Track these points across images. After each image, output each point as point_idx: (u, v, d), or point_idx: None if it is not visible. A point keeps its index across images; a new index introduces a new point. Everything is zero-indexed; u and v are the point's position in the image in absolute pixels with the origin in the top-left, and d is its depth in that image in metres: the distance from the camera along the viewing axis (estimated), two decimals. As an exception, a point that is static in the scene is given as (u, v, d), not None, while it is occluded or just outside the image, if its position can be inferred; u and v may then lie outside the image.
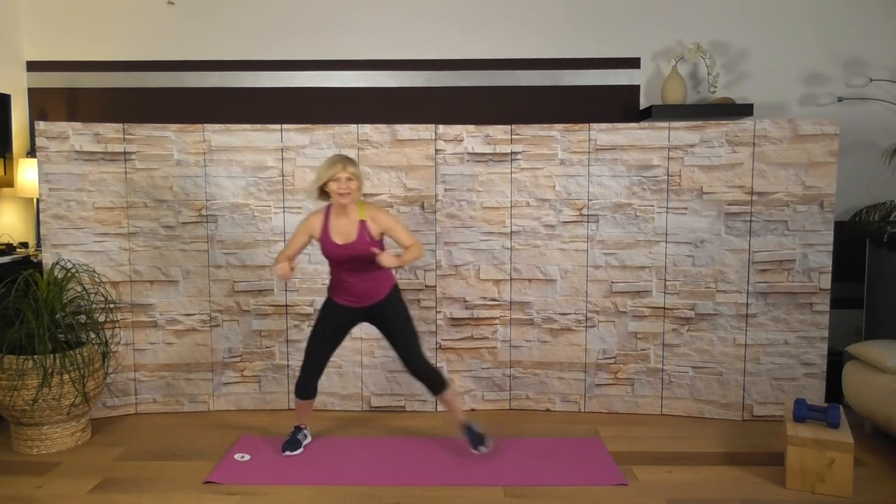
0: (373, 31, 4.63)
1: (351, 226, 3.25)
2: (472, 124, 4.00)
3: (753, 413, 3.94)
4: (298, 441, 3.50)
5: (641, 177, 3.94)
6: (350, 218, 3.26)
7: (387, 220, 3.29)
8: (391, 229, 3.28)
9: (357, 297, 3.35)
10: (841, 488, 3.01)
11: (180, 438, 3.67)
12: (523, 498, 3.01)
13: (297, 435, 3.52)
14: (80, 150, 3.87)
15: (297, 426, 3.56)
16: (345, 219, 3.26)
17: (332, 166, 3.18)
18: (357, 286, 3.32)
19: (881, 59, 4.56)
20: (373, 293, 3.34)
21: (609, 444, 3.58)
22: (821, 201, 3.83)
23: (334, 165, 3.17)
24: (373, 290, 3.34)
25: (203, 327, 4.04)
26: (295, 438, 3.50)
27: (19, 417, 3.44)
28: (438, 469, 3.28)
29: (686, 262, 3.94)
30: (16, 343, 3.43)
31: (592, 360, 4.05)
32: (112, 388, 3.95)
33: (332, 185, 3.18)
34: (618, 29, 4.61)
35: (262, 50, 4.63)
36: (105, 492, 3.07)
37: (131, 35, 4.64)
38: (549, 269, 4.03)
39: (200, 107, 4.58)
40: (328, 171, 3.18)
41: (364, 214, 3.27)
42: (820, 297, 3.86)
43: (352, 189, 3.18)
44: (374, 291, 3.35)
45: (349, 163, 3.19)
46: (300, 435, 3.52)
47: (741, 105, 4.39)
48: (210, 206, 3.99)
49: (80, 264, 3.74)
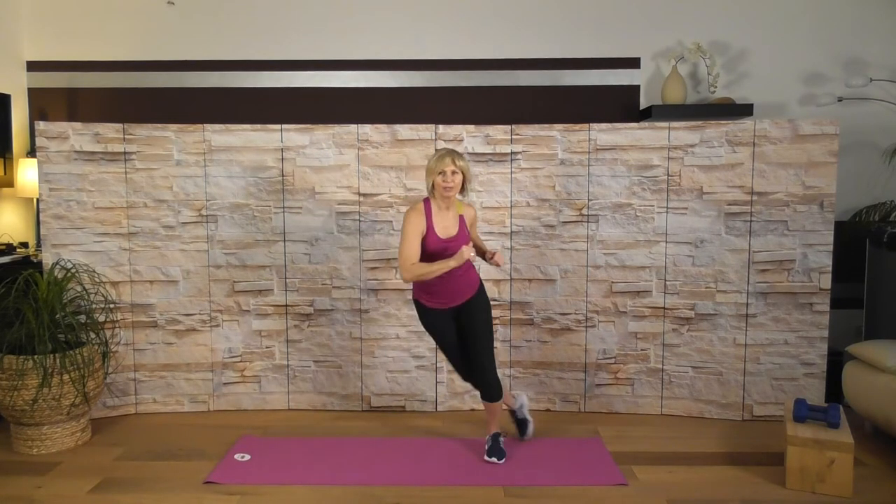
0: (373, 31, 4.63)
1: (451, 220, 3.25)
2: (472, 124, 4.00)
3: (753, 413, 3.94)
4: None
5: (641, 177, 3.94)
6: (451, 212, 3.26)
7: (475, 216, 3.43)
8: (475, 225, 3.41)
9: (450, 296, 3.28)
10: (841, 488, 3.01)
11: (180, 438, 3.67)
12: (523, 498, 3.01)
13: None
14: (80, 150, 3.87)
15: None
16: (446, 213, 3.25)
17: (440, 160, 3.16)
18: (452, 283, 3.25)
19: (881, 59, 4.56)
20: (466, 290, 3.31)
21: (609, 444, 3.58)
22: (821, 201, 3.83)
23: (442, 159, 3.16)
24: (465, 287, 3.30)
25: (203, 327, 4.04)
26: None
27: (19, 417, 3.44)
28: (438, 469, 3.28)
29: (686, 262, 3.94)
30: (16, 343, 3.43)
31: (592, 360, 4.05)
32: (112, 388, 3.95)
33: (438, 178, 3.16)
34: (618, 29, 4.61)
35: (262, 50, 4.63)
36: (105, 492, 3.07)
37: (131, 35, 4.64)
38: (549, 269, 4.03)
39: (200, 107, 4.58)
40: (437, 165, 3.16)
41: (461, 209, 3.30)
42: (820, 297, 3.86)
43: (456, 183, 3.17)
44: (467, 289, 3.31)
45: (457, 157, 3.18)
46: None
47: (741, 105, 4.39)
48: (210, 206, 3.99)
49: (80, 264, 3.74)
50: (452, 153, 3.18)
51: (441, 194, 3.19)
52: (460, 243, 3.18)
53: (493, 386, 3.33)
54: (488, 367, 3.31)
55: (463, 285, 3.28)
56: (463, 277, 3.26)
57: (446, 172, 3.14)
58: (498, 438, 3.41)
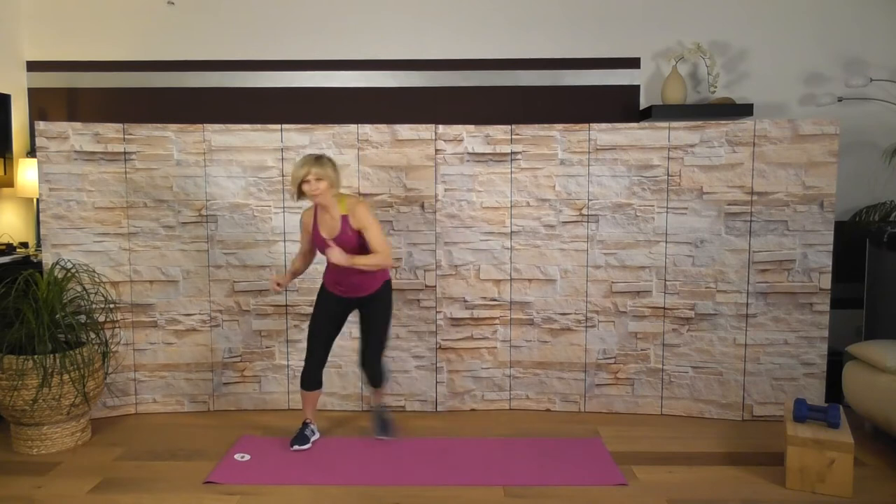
0: (373, 31, 4.63)
1: (334, 220, 3.34)
2: (472, 124, 4.00)
3: (753, 413, 3.94)
4: (306, 436, 3.54)
5: (641, 177, 3.94)
6: (332, 213, 3.34)
7: (363, 218, 3.32)
8: (365, 228, 3.33)
9: (348, 288, 3.44)
10: (841, 488, 3.01)
11: (180, 438, 3.67)
12: (523, 498, 3.01)
13: (305, 430, 3.56)
14: (80, 150, 3.87)
15: (304, 422, 3.59)
16: (328, 214, 3.35)
17: (299, 169, 3.26)
18: (348, 278, 3.39)
19: (881, 59, 4.56)
20: (364, 286, 3.44)
21: (609, 444, 3.58)
22: (821, 201, 3.83)
23: (301, 168, 3.25)
24: (364, 283, 3.42)
25: (203, 327, 4.04)
26: (303, 434, 3.54)
27: (19, 417, 3.44)
28: (438, 469, 3.28)
29: (686, 262, 3.94)
30: (16, 343, 3.43)
31: (592, 360, 4.05)
32: (112, 388, 3.95)
33: (304, 186, 3.25)
34: (618, 29, 4.61)
35: (262, 50, 4.63)
36: (105, 492, 3.07)
37: (131, 35, 4.64)
38: (549, 269, 4.03)
39: (200, 107, 4.58)
40: (297, 173, 3.26)
41: (345, 209, 3.33)
42: (820, 297, 3.86)
43: (321, 189, 3.24)
44: (366, 284, 3.43)
45: (315, 163, 3.24)
46: (307, 430, 3.56)
47: (741, 105, 4.39)
48: (210, 206, 3.99)
49: (80, 264, 3.74)
50: (311, 161, 3.25)
51: (319, 204, 3.32)
52: (341, 243, 3.30)
53: (376, 377, 3.57)
54: (375, 362, 3.53)
55: (358, 283, 3.41)
56: (359, 276, 3.38)
57: (310, 180, 3.23)
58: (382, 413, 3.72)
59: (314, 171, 3.22)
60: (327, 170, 3.27)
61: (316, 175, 3.22)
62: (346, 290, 3.44)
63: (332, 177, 3.28)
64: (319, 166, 3.24)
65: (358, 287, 3.43)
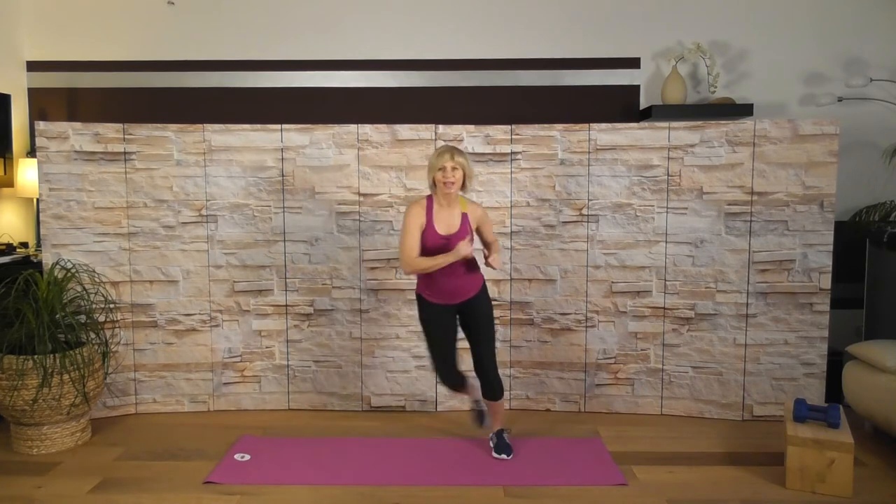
0: (373, 31, 4.63)
1: (454, 217, 3.25)
2: (472, 124, 4.00)
3: (753, 413, 3.94)
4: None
5: (641, 177, 3.94)
6: (453, 210, 3.26)
7: (484, 215, 3.34)
8: (485, 223, 3.33)
9: (451, 294, 3.29)
10: (841, 488, 3.01)
11: (180, 438, 3.67)
12: (523, 498, 3.01)
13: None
14: (80, 150, 3.87)
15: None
16: (448, 210, 3.26)
17: (439, 156, 3.19)
18: (454, 281, 3.27)
19: (881, 59, 4.56)
20: (468, 289, 3.31)
21: (609, 444, 3.58)
22: (821, 201, 3.83)
23: (442, 155, 3.18)
24: (468, 285, 3.31)
25: (203, 327, 4.04)
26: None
27: (19, 417, 3.44)
28: (438, 469, 3.28)
29: (686, 262, 3.94)
30: (16, 343, 3.43)
31: (592, 360, 4.05)
32: (112, 388, 3.95)
33: (438, 174, 3.18)
34: (618, 29, 4.61)
35: (262, 50, 4.63)
36: (105, 492, 3.07)
37: (131, 35, 4.64)
38: (549, 269, 4.03)
39: (200, 107, 4.58)
40: (436, 160, 3.19)
41: (466, 207, 3.28)
42: (820, 297, 3.86)
43: (457, 179, 3.18)
44: (470, 287, 3.31)
45: (457, 153, 3.19)
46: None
47: (741, 105, 4.39)
48: (210, 206, 3.99)
49: (80, 264, 3.74)
50: (452, 149, 3.20)
51: (442, 190, 3.20)
52: (460, 240, 3.19)
53: (496, 386, 3.35)
54: (492, 368, 3.34)
55: (466, 283, 3.29)
56: (466, 276, 3.28)
57: (446, 168, 3.16)
58: (503, 435, 3.43)
59: (456, 160, 3.17)
60: (466, 161, 3.21)
61: (455, 164, 3.17)
62: (451, 296, 3.28)
63: (468, 169, 3.22)
64: (461, 156, 3.19)
65: (463, 290, 3.29)
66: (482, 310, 3.34)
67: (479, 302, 3.33)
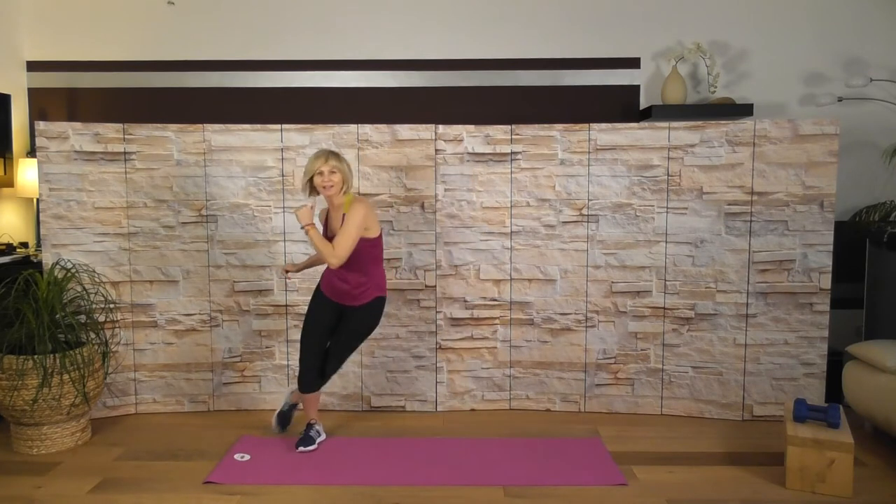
0: (373, 31, 4.63)
1: (337, 220, 3.32)
2: (472, 124, 4.00)
3: (753, 413, 3.94)
4: (311, 438, 3.51)
5: (641, 177, 3.94)
6: (338, 212, 3.33)
7: (351, 212, 3.24)
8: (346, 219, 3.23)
9: (338, 295, 3.41)
10: (841, 488, 3.01)
11: (180, 438, 3.67)
12: (523, 498, 3.01)
13: (310, 432, 3.53)
14: (80, 150, 3.87)
15: (308, 423, 3.57)
16: (334, 212, 3.35)
17: (314, 160, 3.24)
18: (339, 284, 3.38)
19: (881, 59, 4.56)
20: (352, 296, 3.39)
21: (609, 444, 3.58)
22: (821, 201, 3.83)
23: (317, 159, 3.24)
24: (353, 293, 3.38)
25: (203, 327, 4.04)
26: (308, 435, 3.51)
27: (19, 417, 3.44)
28: (438, 469, 3.28)
29: (686, 262, 3.94)
30: (16, 343, 3.43)
31: (592, 360, 4.05)
32: (112, 388, 3.95)
33: (317, 178, 3.25)
34: (618, 29, 4.61)
35: (262, 50, 4.63)
36: (105, 492, 3.07)
37: (131, 35, 4.64)
38: (549, 269, 4.03)
39: (200, 107, 4.58)
40: (311, 165, 3.25)
41: (347, 207, 3.30)
42: (820, 297, 3.86)
43: (334, 182, 3.23)
44: (355, 295, 3.38)
45: (332, 156, 3.25)
46: (312, 431, 3.53)
47: (741, 105, 4.39)
48: (210, 206, 3.99)
49: (80, 264, 3.74)
50: (328, 153, 3.26)
51: (321, 193, 3.29)
52: None
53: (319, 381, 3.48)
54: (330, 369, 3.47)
55: (350, 292, 3.37)
56: (359, 286, 3.36)
57: (324, 172, 3.22)
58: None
59: (330, 164, 3.22)
60: (342, 164, 3.27)
61: (330, 168, 3.22)
62: (337, 295, 3.41)
63: (345, 172, 3.28)
64: (335, 160, 3.25)
65: (347, 295, 3.39)
66: (359, 319, 3.41)
67: (361, 313, 3.41)
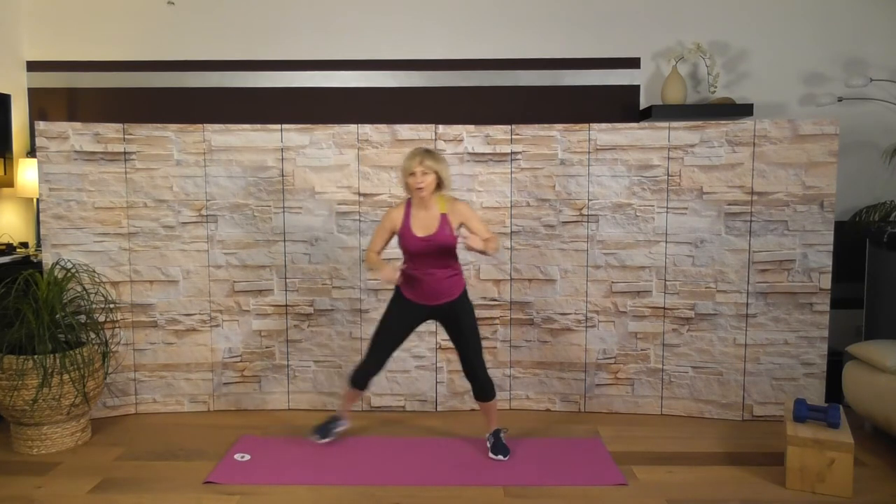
0: (373, 31, 4.63)
1: (432, 219, 3.23)
2: (472, 124, 4.00)
3: (753, 413, 3.94)
4: (330, 429, 3.52)
5: (641, 177, 3.94)
6: (431, 211, 3.24)
7: (466, 212, 3.27)
8: (469, 219, 3.26)
9: (430, 295, 3.30)
10: (841, 488, 3.01)
11: (180, 438, 3.67)
12: (523, 498, 3.01)
13: (332, 424, 3.53)
14: (80, 150, 3.87)
15: (335, 416, 3.57)
16: (425, 212, 3.24)
17: (408, 160, 3.18)
18: (433, 283, 3.27)
19: (881, 59, 4.57)
20: (447, 291, 3.30)
21: (609, 444, 3.58)
22: (821, 201, 3.83)
23: (411, 159, 3.18)
24: (447, 287, 3.30)
25: (203, 327, 4.04)
26: (327, 426, 3.52)
27: (19, 417, 3.44)
28: (438, 469, 3.28)
29: (686, 262, 3.94)
30: (16, 343, 3.43)
31: (592, 360, 4.05)
32: (112, 388, 3.95)
33: (409, 179, 3.18)
34: (618, 29, 4.61)
35: (262, 50, 4.63)
36: (105, 492, 3.07)
37: (131, 35, 4.64)
38: (549, 269, 4.03)
39: (200, 107, 4.58)
40: (406, 163, 3.19)
41: (445, 208, 3.25)
42: (820, 297, 3.86)
43: (427, 182, 3.17)
44: (449, 289, 3.31)
45: (426, 156, 3.17)
46: (335, 424, 3.54)
47: (741, 105, 4.39)
48: (210, 206, 3.99)
49: (80, 264, 3.74)
50: (423, 153, 3.19)
51: (414, 194, 3.22)
52: (440, 241, 3.21)
53: (485, 386, 3.38)
54: (480, 368, 3.36)
55: (444, 287, 3.30)
56: (446, 280, 3.29)
57: (416, 173, 3.17)
58: (499, 435, 3.44)
59: (425, 164, 3.15)
60: (438, 164, 3.19)
61: (424, 168, 3.15)
62: (428, 296, 3.29)
63: (441, 172, 3.21)
64: (431, 159, 3.18)
65: (441, 293, 3.28)
66: (464, 314, 3.34)
67: (460, 307, 3.34)
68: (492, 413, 3.45)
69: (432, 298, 3.31)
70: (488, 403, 3.42)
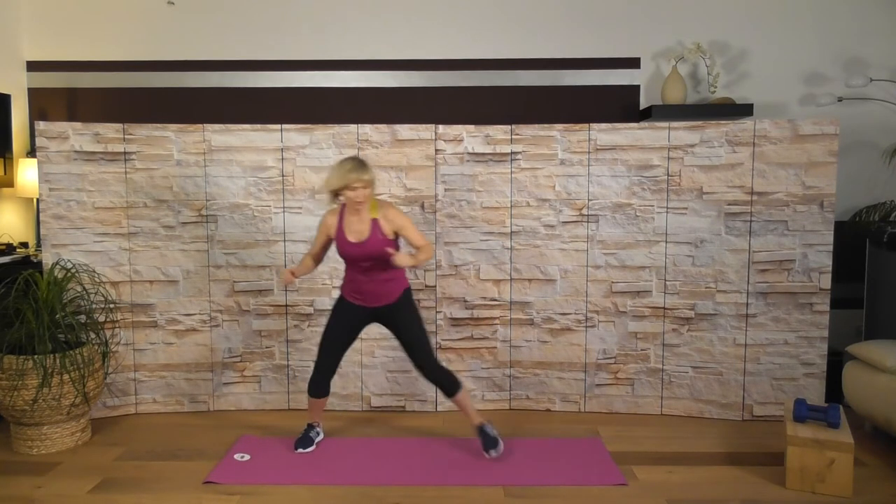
0: (373, 31, 4.63)
1: (363, 224, 3.25)
2: (472, 124, 4.00)
3: (753, 413, 3.94)
4: (311, 439, 3.51)
5: (641, 177, 3.94)
6: (362, 216, 3.25)
7: (399, 219, 3.27)
8: (403, 228, 3.26)
9: (369, 297, 3.34)
10: (841, 488, 3.01)
11: (180, 438, 3.67)
12: (523, 498, 3.01)
13: (310, 433, 3.53)
14: (80, 150, 3.87)
15: (309, 423, 3.56)
16: (357, 217, 3.26)
17: (346, 175, 3.14)
18: (370, 286, 3.31)
19: (881, 59, 4.57)
20: (385, 294, 3.34)
21: (609, 444, 3.58)
22: (821, 201, 3.83)
23: (349, 174, 3.13)
24: (385, 290, 3.33)
25: (203, 327, 4.04)
26: (307, 436, 3.51)
27: (19, 417, 3.44)
28: (438, 469, 3.28)
29: (686, 262, 3.94)
30: (16, 343, 3.43)
31: (592, 360, 4.05)
32: (112, 388, 3.95)
33: (349, 193, 3.16)
34: (618, 29, 4.61)
35: (262, 50, 4.63)
36: (105, 492, 3.07)
37: (131, 35, 4.64)
38: (549, 269, 4.03)
39: (200, 107, 4.58)
40: (343, 179, 3.14)
41: (376, 213, 3.26)
42: (820, 297, 3.86)
43: (367, 195, 3.18)
44: (387, 292, 3.34)
45: (363, 170, 3.16)
46: (313, 433, 3.54)
47: (741, 105, 4.39)
48: (210, 206, 3.99)
49: (80, 264, 3.74)
50: (359, 166, 3.16)
51: (352, 207, 3.22)
52: (373, 247, 3.21)
53: (443, 382, 3.39)
54: (430, 367, 3.39)
55: (383, 290, 3.33)
56: (384, 283, 3.31)
57: (357, 189, 3.15)
58: (484, 429, 3.42)
59: (365, 178, 3.15)
60: (371, 173, 3.20)
61: (365, 182, 3.15)
62: (367, 299, 3.33)
63: (374, 181, 3.23)
64: (367, 172, 3.17)
65: (380, 295, 3.33)
66: (401, 316, 3.36)
67: (398, 309, 3.36)
68: (466, 406, 3.45)
69: (372, 300, 3.35)
70: (457, 398, 3.42)
